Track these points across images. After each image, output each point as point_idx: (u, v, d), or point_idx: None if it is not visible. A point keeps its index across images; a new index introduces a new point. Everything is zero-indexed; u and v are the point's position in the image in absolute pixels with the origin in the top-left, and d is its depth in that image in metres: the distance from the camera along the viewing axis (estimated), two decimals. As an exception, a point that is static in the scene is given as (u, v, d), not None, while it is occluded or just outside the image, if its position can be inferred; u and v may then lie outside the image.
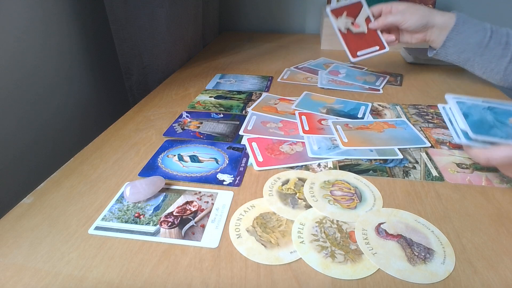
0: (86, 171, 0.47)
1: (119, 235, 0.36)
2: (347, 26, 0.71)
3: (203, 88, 0.74)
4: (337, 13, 0.71)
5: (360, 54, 0.71)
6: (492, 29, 0.61)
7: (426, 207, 0.40)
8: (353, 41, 0.72)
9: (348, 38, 0.72)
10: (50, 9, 0.64)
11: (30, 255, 0.34)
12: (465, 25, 0.62)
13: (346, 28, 0.71)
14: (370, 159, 0.49)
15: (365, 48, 0.71)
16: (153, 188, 0.41)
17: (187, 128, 0.57)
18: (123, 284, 0.31)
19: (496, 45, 0.61)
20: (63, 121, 0.69)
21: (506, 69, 0.61)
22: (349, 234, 0.36)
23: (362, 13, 0.71)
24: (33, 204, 0.41)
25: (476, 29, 0.62)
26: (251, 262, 0.33)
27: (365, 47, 0.71)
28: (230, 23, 1.28)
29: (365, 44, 0.71)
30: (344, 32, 0.72)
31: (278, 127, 0.57)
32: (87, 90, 0.76)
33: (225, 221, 0.38)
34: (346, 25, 0.71)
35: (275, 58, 0.95)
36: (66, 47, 0.69)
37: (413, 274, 0.32)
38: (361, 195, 0.42)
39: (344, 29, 0.71)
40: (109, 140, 0.54)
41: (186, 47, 0.91)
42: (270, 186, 0.43)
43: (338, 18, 0.71)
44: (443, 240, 0.35)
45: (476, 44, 0.61)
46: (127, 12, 0.72)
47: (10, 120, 0.57)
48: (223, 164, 0.48)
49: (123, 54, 0.78)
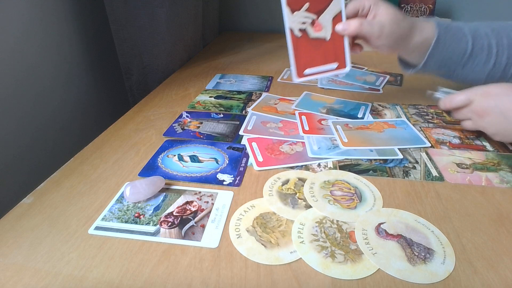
0: (86, 171, 0.47)
1: (119, 235, 0.36)
2: (303, 27, 0.50)
3: (203, 88, 0.74)
4: (295, 3, 0.49)
5: (309, 72, 0.52)
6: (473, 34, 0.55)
7: (426, 207, 0.40)
8: (305, 51, 0.51)
9: (300, 45, 0.51)
10: (50, 9, 0.64)
11: (30, 255, 0.34)
12: (446, 35, 0.54)
13: (301, 30, 0.50)
14: (370, 159, 0.49)
15: (318, 63, 0.52)
16: (153, 188, 0.41)
17: (187, 128, 0.57)
18: (123, 284, 0.31)
19: (479, 52, 0.55)
20: (63, 121, 0.69)
21: (488, 74, 0.56)
22: (349, 234, 0.36)
23: (332, 8, 0.49)
24: (33, 204, 0.41)
25: (458, 38, 0.55)
26: (251, 262, 0.33)
27: (320, 62, 0.52)
28: (230, 23, 1.28)
29: (321, 57, 0.51)
30: (297, 36, 0.50)
31: (278, 127, 0.57)
32: (87, 90, 0.76)
33: (225, 221, 0.38)
34: (302, 25, 0.50)
35: (275, 58, 0.95)
36: (66, 47, 0.69)
37: (413, 274, 0.32)
38: (361, 195, 0.42)
39: (298, 30, 0.50)
40: (109, 140, 0.54)
41: (186, 47, 0.91)
42: (270, 186, 0.43)
43: (294, 13, 0.49)
44: (443, 240, 0.35)
45: (459, 55, 0.55)
46: (127, 12, 0.72)
47: (10, 120, 0.57)
48: (223, 164, 0.48)
49: (123, 54, 0.78)
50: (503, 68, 0.56)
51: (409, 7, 1.00)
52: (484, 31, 0.56)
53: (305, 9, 0.49)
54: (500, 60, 0.55)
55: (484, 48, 0.55)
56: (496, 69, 0.56)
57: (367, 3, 0.51)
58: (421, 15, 1.00)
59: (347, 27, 0.50)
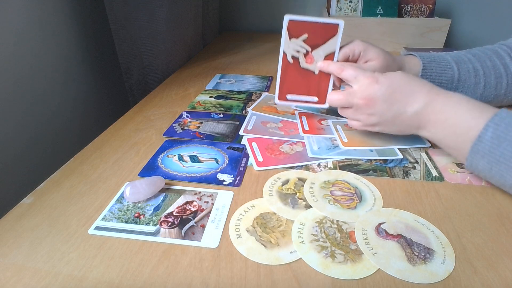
0: (86, 171, 0.47)
1: (119, 235, 0.36)
2: (296, 55, 0.51)
3: (203, 88, 0.74)
4: (296, 30, 0.50)
5: (290, 98, 0.54)
6: (456, 60, 0.57)
7: (426, 207, 0.40)
8: (292, 77, 0.53)
9: (289, 71, 0.52)
10: (50, 9, 0.64)
11: (30, 255, 0.34)
12: (431, 64, 0.56)
13: (294, 57, 0.51)
14: (370, 159, 0.49)
15: (301, 93, 0.54)
16: (153, 188, 0.41)
17: (187, 128, 0.57)
18: (123, 284, 0.31)
19: (467, 76, 0.56)
20: (63, 121, 0.69)
21: (481, 96, 0.57)
22: (349, 234, 0.36)
23: (327, 46, 0.50)
24: (33, 204, 0.41)
25: (442, 65, 0.56)
26: (251, 262, 0.33)
27: (302, 92, 0.53)
28: (230, 23, 1.28)
29: (305, 88, 0.53)
30: (290, 61, 0.52)
31: (278, 127, 0.57)
32: (87, 90, 0.76)
33: (225, 221, 0.38)
34: (296, 53, 0.51)
35: (275, 58, 0.94)
36: (66, 47, 0.69)
37: (413, 274, 0.32)
38: (361, 195, 0.42)
39: (291, 56, 0.51)
40: (109, 140, 0.54)
41: (186, 47, 0.91)
42: (270, 186, 0.43)
43: (291, 39, 0.50)
44: (443, 240, 0.35)
45: (448, 81, 0.56)
46: (127, 12, 0.72)
47: (10, 120, 0.57)
48: (223, 164, 0.48)
49: (123, 54, 0.78)
50: (494, 88, 0.57)
51: (409, 7, 1.00)
52: (466, 57, 0.58)
53: (302, 39, 0.50)
54: (490, 80, 0.56)
55: (470, 71, 0.56)
56: (487, 90, 0.57)
57: (357, 49, 0.52)
58: (421, 15, 1.00)
59: (336, 69, 0.49)
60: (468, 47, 0.65)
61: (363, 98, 0.45)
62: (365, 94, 0.45)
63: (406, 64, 0.57)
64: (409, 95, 0.44)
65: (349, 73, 0.47)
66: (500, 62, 0.57)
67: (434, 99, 0.43)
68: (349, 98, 0.47)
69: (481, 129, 0.38)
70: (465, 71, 0.56)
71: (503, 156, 0.37)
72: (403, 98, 0.44)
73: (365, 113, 0.46)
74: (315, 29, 0.49)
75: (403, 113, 0.44)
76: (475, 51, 0.59)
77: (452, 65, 0.57)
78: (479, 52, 0.59)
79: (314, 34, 0.50)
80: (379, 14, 1.00)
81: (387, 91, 0.44)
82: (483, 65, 0.57)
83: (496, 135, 0.37)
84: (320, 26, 0.49)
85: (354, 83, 0.47)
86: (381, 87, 0.44)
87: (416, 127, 0.46)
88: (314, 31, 0.49)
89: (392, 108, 0.44)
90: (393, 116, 0.45)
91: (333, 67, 0.50)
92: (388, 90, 0.44)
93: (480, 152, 0.39)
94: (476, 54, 0.58)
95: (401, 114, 0.45)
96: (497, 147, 0.37)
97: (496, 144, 0.37)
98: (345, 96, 0.48)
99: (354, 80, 0.47)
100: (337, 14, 1.03)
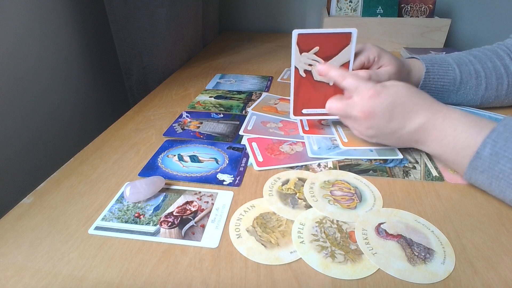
0: (86, 171, 0.47)
1: (119, 235, 0.36)
2: (309, 68, 0.50)
3: (203, 88, 0.74)
4: (306, 44, 0.48)
5: (306, 112, 0.53)
6: (457, 62, 0.57)
7: (426, 207, 0.40)
8: (307, 91, 0.51)
9: (302, 85, 0.51)
10: (50, 9, 0.64)
11: (30, 255, 0.34)
12: (433, 67, 0.57)
13: (306, 71, 0.50)
14: (370, 159, 0.49)
15: (317, 106, 0.52)
16: (153, 188, 0.41)
17: (187, 128, 0.57)
18: (123, 284, 0.31)
19: (468, 77, 0.57)
20: (63, 121, 0.69)
21: (483, 97, 0.58)
22: (349, 234, 0.36)
23: (341, 57, 0.49)
24: (33, 204, 0.41)
25: (444, 67, 0.57)
26: (251, 262, 0.33)
27: (318, 105, 0.52)
28: (230, 23, 1.28)
29: (321, 100, 0.51)
30: (302, 76, 0.50)
31: (278, 127, 0.57)
32: (87, 90, 0.76)
33: (225, 221, 0.38)
34: (308, 66, 0.49)
35: (275, 58, 0.95)
36: (66, 47, 0.69)
37: (413, 274, 0.32)
38: (361, 195, 0.42)
39: (303, 70, 0.50)
40: (109, 140, 0.54)
41: (186, 47, 0.91)
42: (270, 186, 0.43)
43: (302, 54, 0.49)
44: (443, 240, 0.35)
45: (450, 82, 0.57)
46: (127, 12, 0.72)
47: (10, 120, 0.57)
48: (223, 164, 0.48)
49: (123, 54, 0.78)
50: (495, 89, 0.58)
51: (409, 7, 1.00)
52: (467, 58, 0.58)
53: (313, 52, 0.48)
54: (491, 82, 0.57)
55: (471, 73, 0.57)
56: (489, 91, 0.58)
57: (372, 55, 0.52)
58: (421, 15, 1.00)
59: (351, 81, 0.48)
60: (468, 47, 0.65)
61: (363, 112, 0.44)
62: (365, 108, 0.44)
63: (413, 67, 0.57)
64: (410, 110, 0.43)
65: (350, 82, 0.46)
66: (500, 63, 0.57)
67: (434, 115, 0.43)
68: (348, 109, 0.46)
69: (479, 145, 0.38)
70: (467, 73, 0.57)
71: (503, 173, 0.37)
72: (404, 113, 0.43)
73: (363, 125, 0.46)
74: (327, 40, 0.48)
75: (402, 128, 0.44)
76: (475, 52, 0.60)
77: (454, 67, 0.57)
78: (480, 54, 0.59)
79: (326, 46, 0.48)
80: (379, 14, 1.00)
81: (388, 107, 0.43)
82: (484, 66, 0.57)
83: (494, 152, 0.37)
84: (332, 36, 0.48)
85: (355, 94, 0.46)
86: (382, 102, 0.43)
87: (415, 142, 0.46)
88: (325, 43, 0.48)
89: (391, 124, 0.44)
90: (391, 131, 0.45)
91: (333, 74, 0.48)
92: (389, 107, 0.43)
93: (479, 168, 0.39)
94: (477, 55, 0.59)
95: (400, 129, 0.44)
96: (496, 164, 0.37)
97: (495, 161, 0.37)
98: (344, 106, 0.47)
99: (355, 91, 0.46)
100: (337, 14, 1.03)
